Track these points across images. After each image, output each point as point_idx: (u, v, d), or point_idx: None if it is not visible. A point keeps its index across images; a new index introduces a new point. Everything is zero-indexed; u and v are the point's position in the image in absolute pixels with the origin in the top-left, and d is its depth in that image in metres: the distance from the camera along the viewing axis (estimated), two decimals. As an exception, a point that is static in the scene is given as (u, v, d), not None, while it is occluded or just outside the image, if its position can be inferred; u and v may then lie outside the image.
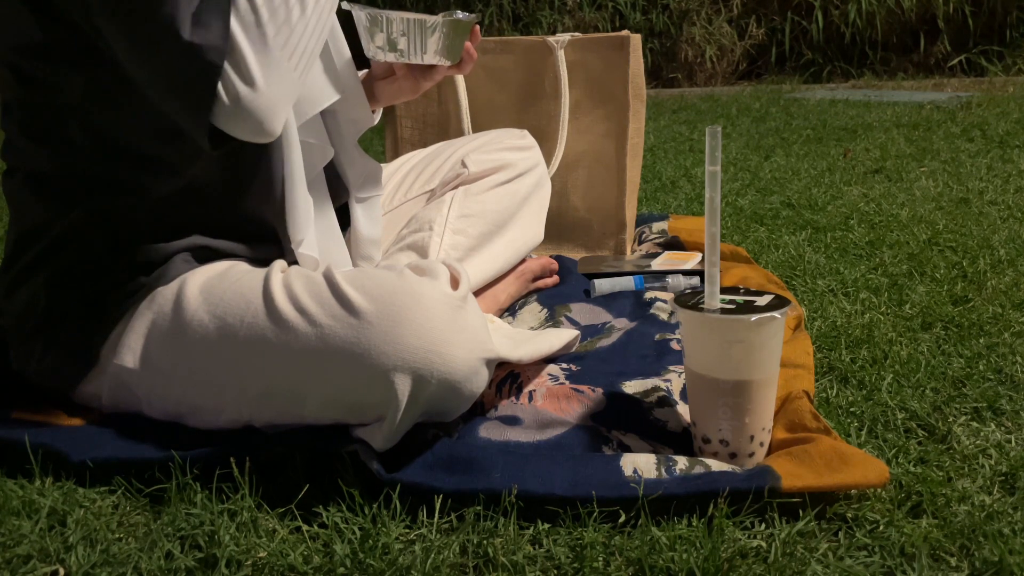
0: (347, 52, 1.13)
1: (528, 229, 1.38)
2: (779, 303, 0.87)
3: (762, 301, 0.88)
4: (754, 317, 0.83)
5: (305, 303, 0.87)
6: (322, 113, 1.11)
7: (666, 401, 1.01)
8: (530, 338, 1.08)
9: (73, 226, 0.96)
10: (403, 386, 0.83)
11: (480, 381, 0.88)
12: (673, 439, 0.96)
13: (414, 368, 0.83)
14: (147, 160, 0.95)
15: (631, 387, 1.05)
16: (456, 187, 1.32)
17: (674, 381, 1.07)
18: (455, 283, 0.90)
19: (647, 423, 0.98)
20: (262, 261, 1.03)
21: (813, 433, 0.89)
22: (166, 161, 0.95)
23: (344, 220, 1.19)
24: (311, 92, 1.04)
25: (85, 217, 0.96)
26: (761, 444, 0.88)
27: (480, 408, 1.02)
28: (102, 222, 0.96)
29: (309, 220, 1.02)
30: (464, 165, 1.33)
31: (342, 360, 0.85)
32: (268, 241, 1.06)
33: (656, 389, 1.04)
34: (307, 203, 1.02)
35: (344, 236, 1.21)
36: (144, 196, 0.96)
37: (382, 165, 1.43)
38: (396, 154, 1.82)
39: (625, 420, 0.98)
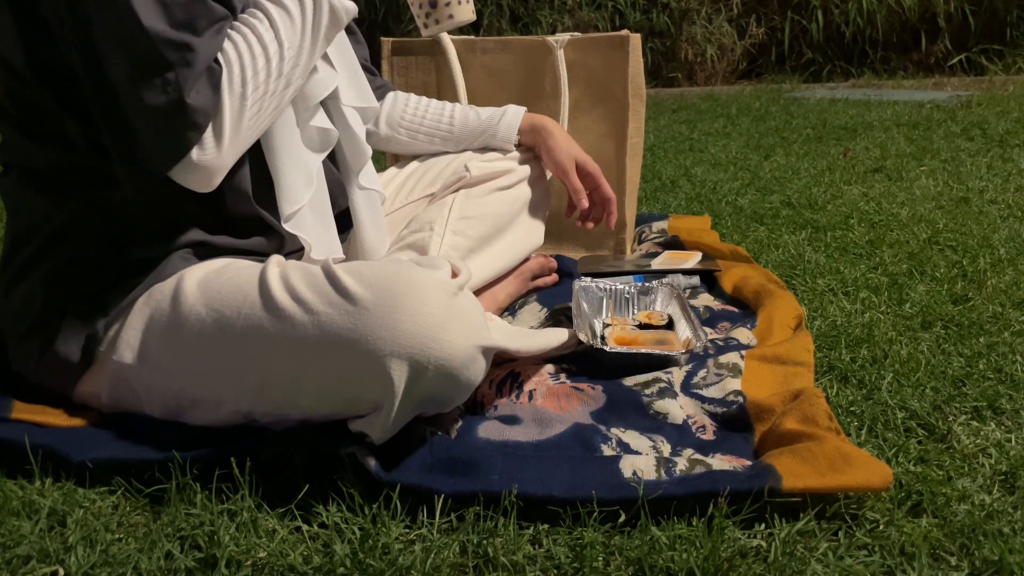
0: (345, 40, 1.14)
1: (528, 233, 1.38)
2: None
3: None
4: None
5: (302, 292, 0.87)
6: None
7: (666, 392, 1.01)
8: (528, 334, 1.08)
9: (69, 221, 0.97)
10: (400, 373, 0.83)
11: (477, 370, 0.88)
12: (674, 432, 0.96)
13: (410, 354, 0.83)
14: None
15: (631, 379, 1.05)
16: (457, 190, 1.33)
17: (675, 372, 1.07)
18: (455, 276, 0.90)
19: (647, 418, 0.98)
20: (262, 257, 1.03)
21: (822, 431, 0.89)
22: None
23: (344, 226, 1.19)
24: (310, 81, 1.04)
25: (81, 211, 0.96)
26: None
27: (479, 408, 1.02)
28: (98, 217, 0.97)
29: (299, 196, 1.03)
30: (466, 169, 1.33)
31: (339, 348, 0.85)
32: (267, 236, 1.06)
33: (657, 380, 1.04)
34: (296, 176, 1.03)
35: (345, 240, 1.20)
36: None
37: (390, 168, 1.43)
38: (397, 157, 1.82)
39: (625, 417, 0.98)
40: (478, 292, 1.31)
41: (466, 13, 1.39)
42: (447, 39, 1.69)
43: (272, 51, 0.94)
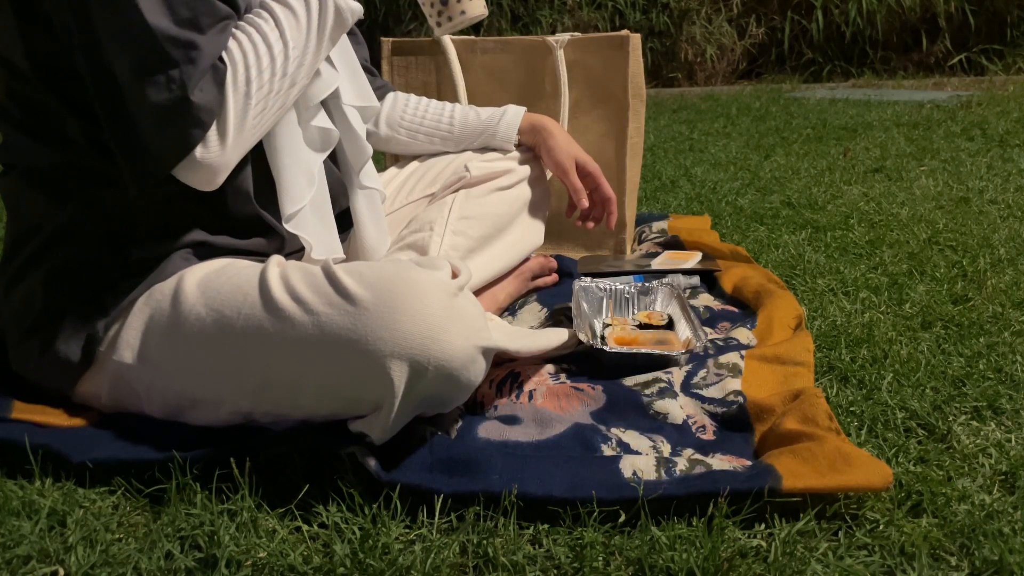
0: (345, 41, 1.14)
1: (528, 233, 1.38)
2: None
3: None
4: None
5: (302, 293, 0.87)
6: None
7: (666, 392, 1.01)
8: (528, 334, 1.08)
9: (70, 221, 0.97)
10: (400, 374, 0.83)
11: (477, 371, 0.88)
12: (674, 432, 0.96)
13: (410, 355, 0.83)
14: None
15: (631, 379, 1.05)
16: (457, 190, 1.33)
17: (675, 372, 1.07)
18: (455, 276, 0.90)
19: (647, 418, 0.98)
20: (262, 257, 1.03)
21: (822, 431, 0.89)
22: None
23: (344, 225, 1.19)
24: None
25: (81, 211, 0.96)
26: None
27: (479, 408, 1.02)
28: (98, 217, 0.97)
29: (300, 196, 1.03)
30: (466, 169, 1.33)
31: (339, 348, 0.85)
32: (268, 236, 1.06)
33: (657, 380, 1.04)
34: (298, 176, 1.03)
35: (345, 240, 1.20)
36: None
37: (390, 168, 1.43)
38: (397, 158, 1.82)
39: (625, 417, 0.98)
40: (478, 292, 1.31)
41: (478, 8, 1.38)
42: (447, 39, 1.69)
43: (277, 51, 0.94)
